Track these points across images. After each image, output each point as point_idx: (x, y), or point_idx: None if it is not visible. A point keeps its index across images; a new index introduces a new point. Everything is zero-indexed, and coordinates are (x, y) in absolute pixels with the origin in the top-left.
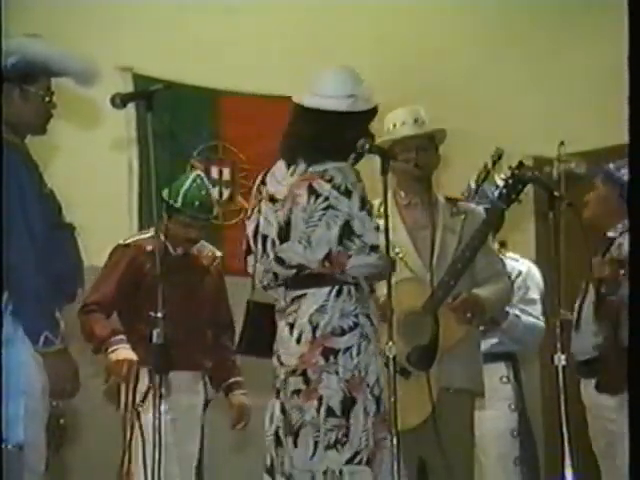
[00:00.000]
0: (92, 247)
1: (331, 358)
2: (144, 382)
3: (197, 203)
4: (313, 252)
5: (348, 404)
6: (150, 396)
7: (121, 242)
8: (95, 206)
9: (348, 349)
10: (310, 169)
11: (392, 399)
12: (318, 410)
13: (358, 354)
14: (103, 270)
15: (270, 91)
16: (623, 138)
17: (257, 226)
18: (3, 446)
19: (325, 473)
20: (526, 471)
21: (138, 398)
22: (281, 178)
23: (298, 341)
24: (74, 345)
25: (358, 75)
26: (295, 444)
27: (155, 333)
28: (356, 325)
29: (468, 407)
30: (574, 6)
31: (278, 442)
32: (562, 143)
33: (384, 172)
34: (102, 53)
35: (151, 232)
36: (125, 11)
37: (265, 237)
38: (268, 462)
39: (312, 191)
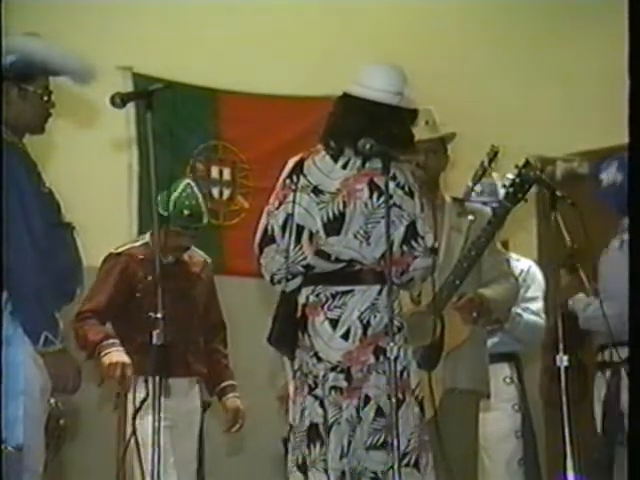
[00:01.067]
0: (92, 247)
1: (381, 357)
2: (141, 392)
3: (187, 212)
4: (371, 249)
5: (398, 405)
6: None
7: (113, 251)
8: (95, 206)
9: (398, 349)
10: (368, 164)
11: (393, 400)
12: (358, 409)
13: (404, 356)
14: (96, 279)
15: (270, 91)
16: (623, 138)
17: (288, 216)
18: (3, 447)
19: (354, 472)
20: (528, 471)
21: (133, 408)
22: (328, 171)
23: (345, 338)
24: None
25: (405, 75)
26: (323, 442)
27: (155, 334)
28: (403, 325)
29: (473, 408)
30: (575, 7)
31: (313, 439)
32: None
33: (385, 172)
34: (102, 52)
35: (141, 240)
36: (125, 10)
37: (301, 228)
38: (300, 460)
39: (375, 187)
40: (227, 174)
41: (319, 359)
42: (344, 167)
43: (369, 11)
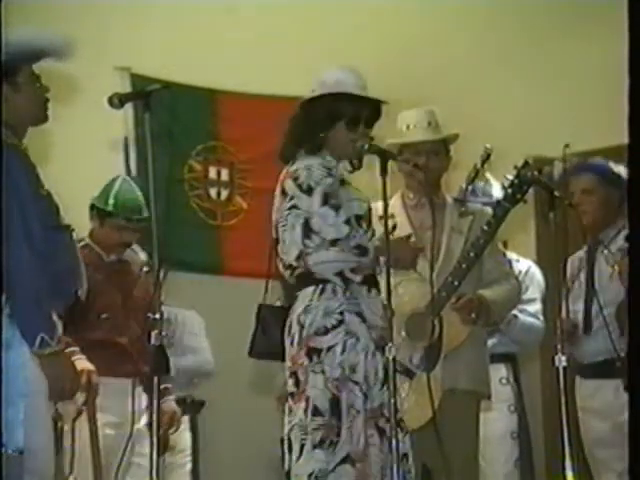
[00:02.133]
0: None
1: (314, 358)
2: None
3: (129, 205)
4: (287, 253)
5: (335, 404)
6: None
7: None
8: None
9: (331, 348)
10: (289, 169)
11: (392, 400)
12: (305, 411)
13: (343, 352)
14: None
15: (269, 91)
16: (623, 138)
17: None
18: (3, 451)
19: (310, 475)
20: (524, 472)
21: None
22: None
23: (292, 343)
24: None
25: (362, 76)
26: (289, 448)
27: (153, 335)
28: (340, 323)
29: (473, 409)
30: (575, 6)
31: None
32: (567, 146)
33: (383, 172)
34: (100, 53)
35: (82, 242)
36: (124, 11)
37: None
38: (286, 467)
39: (282, 191)
40: (225, 175)
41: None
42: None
43: (371, 11)
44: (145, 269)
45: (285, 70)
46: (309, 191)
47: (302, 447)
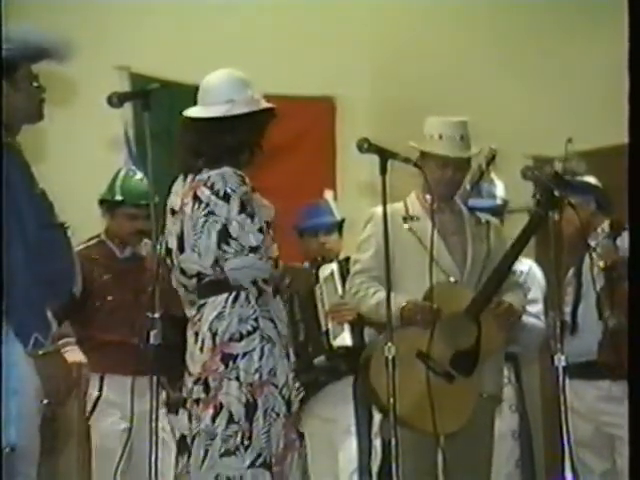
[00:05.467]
0: None
1: (230, 364)
2: (94, 390)
3: (136, 191)
4: (203, 260)
5: (251, 408)
6: (100, 405)
7: None
8: (92, 206)
9: (247, 353)
10: (197, 177)
11: (391, 400)
12: (214, 418)
13: (261, 357)
14: None
15: (268, 90)
16: (623, 138)
17: (167, 242)
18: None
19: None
20: (525, 472)
21: (88, 406)
22: (177, 189)
23: (201, 349)
24: None
25: (242, 79)
26: (190, 453)
27: (152, 334)
28: (255, 329)
29: (493, 413)
30: (574, 5)
31: (182, 450)
32: (569, 140)
33: (383, 172)
34: (99, 52)
35: (96, 239)
36: (123, 10)
37: (170, 250)
38: (178, 469)
39: (196, 199)
40: None
41: (189, 373)
42: (184, 184)
43: (371, 12)
44: None
45: (284, 69)
46: (226, 198)
47: (206, 453)
